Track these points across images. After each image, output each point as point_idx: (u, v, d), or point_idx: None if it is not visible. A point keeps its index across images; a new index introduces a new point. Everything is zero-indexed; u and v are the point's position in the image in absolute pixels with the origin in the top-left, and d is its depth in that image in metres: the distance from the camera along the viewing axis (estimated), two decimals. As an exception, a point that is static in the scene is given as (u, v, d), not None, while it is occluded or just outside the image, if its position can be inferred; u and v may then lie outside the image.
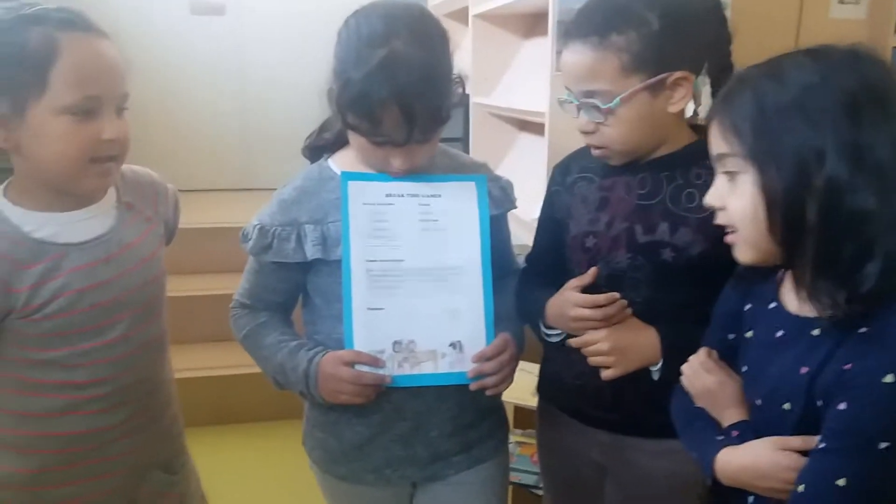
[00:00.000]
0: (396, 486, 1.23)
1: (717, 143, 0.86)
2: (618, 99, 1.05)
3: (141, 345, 1.14)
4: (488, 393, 1.15)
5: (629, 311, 1.12)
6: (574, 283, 1.12)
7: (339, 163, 1.19)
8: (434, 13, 1.16)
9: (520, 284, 1.30)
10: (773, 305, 0.91)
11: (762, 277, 0.93)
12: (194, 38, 3.95)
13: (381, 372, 1.10)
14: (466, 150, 3.03)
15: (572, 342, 1.13)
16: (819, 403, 0.81)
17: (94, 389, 1.10)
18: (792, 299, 0.87)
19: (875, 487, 0.77)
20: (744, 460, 0.88)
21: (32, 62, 0.97)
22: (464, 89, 1.12)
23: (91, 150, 1.02)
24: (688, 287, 1.10)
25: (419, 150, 1.09)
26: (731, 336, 0.99)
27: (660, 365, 1.10)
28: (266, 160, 3.90)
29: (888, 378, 0.74)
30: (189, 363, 2.86)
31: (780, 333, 0.88)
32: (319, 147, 1.23)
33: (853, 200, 0.76)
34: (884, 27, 1.89)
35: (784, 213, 0.79)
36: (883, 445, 0.75)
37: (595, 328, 1.10)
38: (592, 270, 1.12)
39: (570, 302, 1.11)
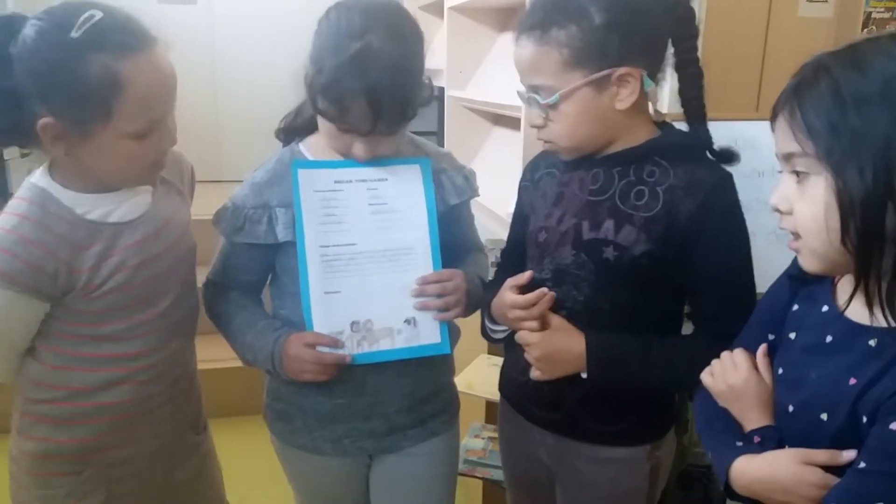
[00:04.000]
0: (354, 456, 1.29)
1: (785, 141, 0.77)
2: (557, 95, 1.04)
3: (184, 313, 1.20)
4: (434, 317, 1.20)
5: (563, 312, 1.10)
6: (510, 282, 1.12)
7: (309, 147, 1.23)
8: (409, 7, 1.17)
9: (490, 281, 1.31)
10: (825, 308, 0.84)
11: (816, 278, 0.85)
12: (164, 28, 3.87)
13: (341, 352, 1.16)
14: (441, 144, 3.02)
15: (516, 338, 1.13)
16: (864, 419, 0.74)
17: (146, 359, 1.14)
18: (851, 304, 0.79)
19: None
20: (761, 472, 0.82)
21: (95, 95, 0.96)
22: (432, 91, 1.16)
23: (152, 162, 1.07)
24: (630, 289, 1.08)
25: (383, 141, 1.14)
26: (772, 337, 0.92)
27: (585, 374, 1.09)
28: (238, 152, 3.85)
29: None
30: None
31: (829, 339, 0.81)
32: (293, 130, 1.26)
33: None
34: (851, 27, 1.92)
35: (861, 221, 0.70)
36: None
37: (533, 328, 1.10)
38: (528, 274, 1.12)
39: (505, 303, 1.12)
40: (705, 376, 0.95)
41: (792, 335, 0.88)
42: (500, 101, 2.38)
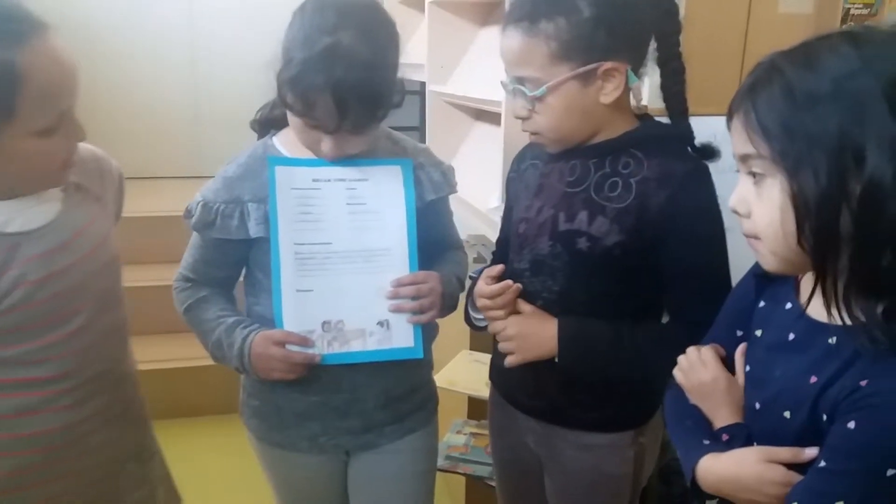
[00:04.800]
0: (330, 454, 1.29)
1: (741, 142, 0.76)
2: (544, 87, 1.04)
3: (104, 333, 1.10)
4: (408, 320, 1.19)
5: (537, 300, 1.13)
6: (486, 273, 1.15)
7: (283, 142, 1.22)
8: (389, 1, 1.16)
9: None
10: (788, 306, 0.84)
11: (780, 276, 0.84)
12: (142, 18, 3.84)
13: (310, 351, 1.15)
14: (423, 139, 3.01)
15: (489, 328, 1.16)
16: (824, 418, 0.75)
17: (62, 384, 1.05)
18: (812, 302, 0.78)
19: None
20: (727, 471, 0.83)
21: None
22: (404, 94, 1.14)
23: (63, 160, 0.99)
24: (604, 280, 1.10)
25: (351, 140, 1.12)
26: (740, 333, 0.92)
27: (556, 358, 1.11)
28: (218, 147, 3.82)
29: None
30: (139, 356, 2.79)
31: (791, 337, 0.82)
32: (269, 122, 1.24)
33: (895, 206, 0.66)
34: (830, 22, 1.94)
35: (816, 222, 0.70)
36: (891, 472, 0.68)
37: (500, 316, 1.13)
38: (500, 267, 1.14)
39: (476, 293, 1.15)
40: (676, 373, 0.96)
41: (758, 332, 0.88)
42: (482, 97, 2.37)
